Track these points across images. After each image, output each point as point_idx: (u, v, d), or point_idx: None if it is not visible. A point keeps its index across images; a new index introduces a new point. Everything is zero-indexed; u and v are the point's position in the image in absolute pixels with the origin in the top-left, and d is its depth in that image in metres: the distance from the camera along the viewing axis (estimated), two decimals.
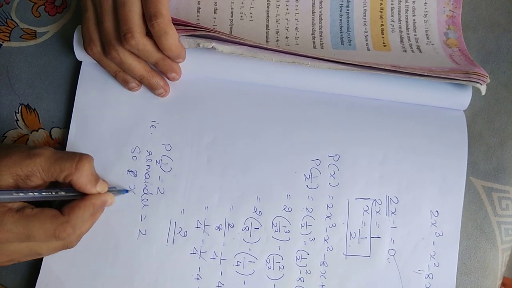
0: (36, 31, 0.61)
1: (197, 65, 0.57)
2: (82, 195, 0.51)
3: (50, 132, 0.59)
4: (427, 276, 0.55)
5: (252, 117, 0.57)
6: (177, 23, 0.52)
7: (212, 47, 0.53)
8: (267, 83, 0.58)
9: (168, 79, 0.56)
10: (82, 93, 0.58)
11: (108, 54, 0.52)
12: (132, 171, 0.56)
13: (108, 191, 0.53)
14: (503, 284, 0.60)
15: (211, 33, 0.52)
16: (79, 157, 0.50)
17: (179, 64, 0.56)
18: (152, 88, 0.56)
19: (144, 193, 0.56)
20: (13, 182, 0.47)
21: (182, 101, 0.57)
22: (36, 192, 0.48)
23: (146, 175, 0.56)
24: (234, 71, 0.57)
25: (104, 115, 0.57)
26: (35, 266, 0.56)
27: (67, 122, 0.58)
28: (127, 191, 0.56)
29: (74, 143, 0.57)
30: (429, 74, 0.54)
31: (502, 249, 0.58)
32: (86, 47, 0.54)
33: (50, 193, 0.49)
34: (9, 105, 0.60)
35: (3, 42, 0.61)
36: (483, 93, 0.55)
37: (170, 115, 0.57)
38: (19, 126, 0.59)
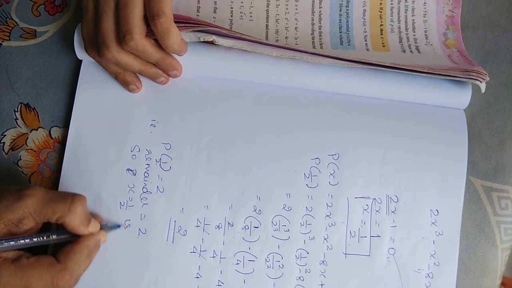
0: (36, 30, 0.61)
1: (197, 64, 0.57)
2: (75, 236, 0.50)
3: (49, 131, 0.59)
4: (427, 275, 0.55)
5: (251, 116, 0.57)
6: (178, 20, 0.52)
7: (213, 40, 0.53)
8: (267, 82, 0.58)
9: (170, 76, 0.56)
10: (82, 92, 0.58)
11: (102, 55, 0.52)
12: (131, 170, 0.56)
13: (102, 227, 0.53)
14: (502, 283, 0.60)
15: (211, 28, 0.52)
16: (72, 199, 0.49)
17: (180, 60, 0.56)
18: (152, 78, 0.56)
19: (144, 192, 0.56)
20: (4, 228, 0.47)
21: (182, 100, 0.57)
22: (27, 238, 0.47)
23: (146, 174, 0.56)
24: (234, 70, 0.57)
25: (104, 114, 0.57)
26: None
27: (67, 121, 0.58)
28: (119, 226, 0.55)
29: (74, 141, 0.57)
30: (428, 71, 0.54)
31: (501, 249, 0.58)
32: (88, 49, 0.54)
33: (41, 238, 0.49)
34: (9, 104, 0.60)
35: (3, 42, 0.61)
36: (483, 90, 0.55)
37: (169, 114, 0.57)
38: (18, 125, 0.59)
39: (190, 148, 0.57)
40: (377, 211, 0.56)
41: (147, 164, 0.56)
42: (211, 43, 0.55)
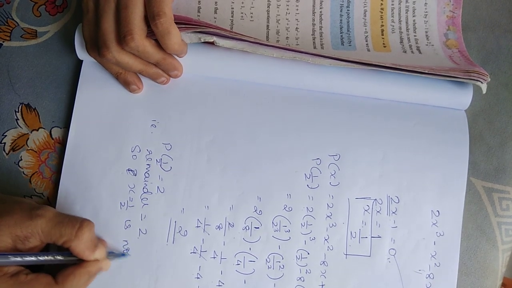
0: (36, 30, 0.61)
1: (197, 64, 0.57)
2: (79, 260, 0.50)
3: (50, 132, 0.59)
4: (427, 276, 0.55)
5: (252, 116, 0.57)
6: (178, 21, 0.52)
7: (213, 41, 0.53)
8: (268, 82, 0.58)
9: (170, 76, 0.56)
10: (82, 92, 0.58)
11: (102, 56, 0.52)
12: (132, 170, 0.56)
13: (108, 255, 0.53)
14: (503, 284, 0.60)
15: (212, 29, 0.52)
16: (80, 224, 0.49)
17: (180, 60, 0.56)
18: (153, 78, 0.56)
19: (144, 192, 0.56)
20: (11, 243, 0.47)
21: (182, 100, 0.57)
22: (33, 256, 0.47)
23: (146, 174, 0.56)
24: (234, 70, 0.57)
25: (105, 114, 0.57)
26: None
27: (68, 122, 0.58)
28: (124, 254, 0.55)
29: (75, 142, 0.57)
30: (429, 72, 0.53)
31: (502, 250, 0.58)
32: (89, 50, 0.54)
33: (47, 258, 0.48)
34: (9, 104, 0.59)
35: (3, 42, 0.61)
36: (484, 91, 0.55)
37: (170, 114, 0.57)
38: (19, 125, 0.59)
39: (190, 148, 0.57)
40: (378, 211, 0.56)
41: (148, 164, 0.56)
42: (212, 43, 0.55)
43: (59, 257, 0.49)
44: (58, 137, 0.59)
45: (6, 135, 0.59)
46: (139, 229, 0.55)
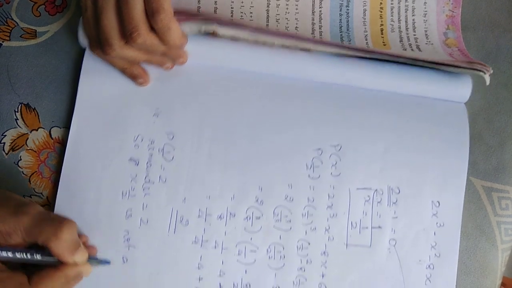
0: (36, 30, 0.61)
1: (200, 54, 0.57)
2: (59, 262, 0.48)
3: (50, 132, 0.59)
4: (428, 266, 0.56)
5: (254, 106, 0.58)
6: (178, 11, 0.52)
7: (214, 31, 0.53)
8: (271, 72, 0.58)
9: (176, 64, 0.57)
10: (85, 81, 0.58)
11: (106, 54, 0.52)
12: (134, 160, 0.56)
13: (90, 260, 0.51)
14: (503, 284, 0.60)
15: (212, 17, 0.52)
16: (60, 223, 0.47)
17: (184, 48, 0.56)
18: (159, 65, 0.56)
19: (146, 182, 0.56)
20: None
21: (185, 90, 0.58)
22: (10, 251, 0.46)
23: (148, 163, 0.56)
24: (237, 59, 0.57)
25: (107, 103, 0.57)
26: None
27: (67, 122, 0.58)
28: (108, 262, 0.54)
29: (77, 131, 0.57)
30: (432, 61, 0.54)
31: (502, 249, 0.58)
32: (92, 48, 0.54)
33: (25, 256, 0.47)
34: (9, 104, 0.59)
35: (3, 42, 0.60)
36: (488, 83, 0.55)
37: (173, 104, 0.57)
38: (18, 125, 0.59)
39: (192, 138, 0.57)
40: (378, 202, 0.56)
41: (150, 154, 0.57)
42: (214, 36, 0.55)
43: (37, 257, 0.47)
44: (57, 137, 0.59)
45: (5, 135, 0.59)
46: (140, 218, 0.55)
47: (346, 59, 0.57)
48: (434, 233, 0.56)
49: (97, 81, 0.58)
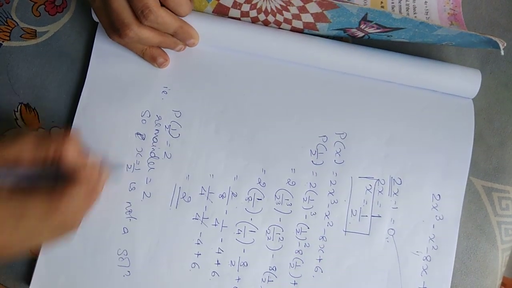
0: (36, 30, 0.61)
1: (211, 36, 0.57)
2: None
3: (49, 132, 0.59)
4: (424, 258, 0.56)
5: (262, 89, 0.58)
6: None
7: None
8: (280, 57, 0.58)
9: (188, 45, 0.57)
10: (97, 58, 0.58)
11: (124, 36, 0.52)
12: (140, 134, 0.57)
13: (103, 163, 0.52)
14: (503, 284, 0.60)
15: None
16: (65, 131, 0.48)
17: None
18: (171, 47, 0.57)
19: (151, 157, 0.57)
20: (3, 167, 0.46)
21: (194, 70, 0.58)
22: (27, 170, 0.46)
23: (154, 139, 0.57)
24: (247, 43, 0.57)
25: (117, 78, 0.58)
26: (30, 264, 0.57)
27: (67, 122, 0.59)
28: (122, 165, 0.56)
29: (86, 102, 0.57)
30: (451, 24, 0.54)
31: (502, 249, 0.59)
32: (110, 35, 0.54)
33: (42, 171, 0.47)
34: (9, 104, 0.59)
35: (3, 42, 0.60)
36: (502, 53, 0.53)
37: (182, 83, 0.58)
38: (18, 125, 0.59)
39: (199, 117, 0.57)
40: (379, 191, 0.56)
41: (156, 129, 0.57)
42: (224, 15, 0.56)
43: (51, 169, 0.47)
44: None
45: (5, 135, 0.59)
46: (144, 192, 0.56)
47: (358, 48, 0.57)
48: (433, 226, 0.56)
49: (109, 56, 0.58)
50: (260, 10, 0.56)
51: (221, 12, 0.56)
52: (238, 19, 0.57)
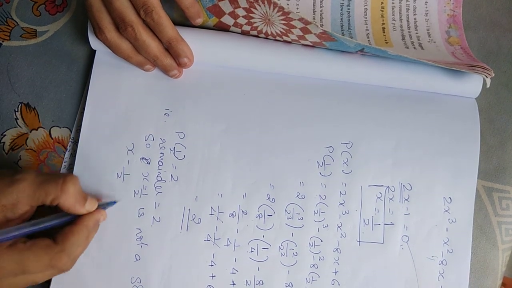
0: (36, 30, 0.61)
1: (210, 54, 0.57)
2: (74, 217, 0.49)
3: (49, 131, 0.59)
4: (440, 262, 0.56)
5: (265, 104, 0.58)
6: None
7: None
8: (281, 71, 0.58)
9: (180, 65, 0.56)
10: (96, 81, 0.58)
11: (124, 31, 0.52)
12: (145, 159, 0.56)
13: (99, 206, 0.52)
14: (503, 284, 0.60)
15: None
16: (63, 179, 0.48)
17: (193, 50, 0.56)
18: (166, 70, 0.56)
19: (158, 181, 0.56)
20: (0, 213, 0.46)
21: (195, 89, 0.58)
22: (29, 227, 0.46)
23: (160, 162, 0.56)
24: (247, 59, 0.57)
25: (118, 103, 0.57)
26: None
27: (67, 121, 0.59)
28: (115, 202, 0.55)
29: (88, 130, 0.57)
30: (434, 61, 0.54)
31: (502, 249, 0.59)
32: (97, 34, 0.54)
33: (42, 224, 0.47)
34: (9, 103, 0.59)
35: (3, 41, 0.60)
36: (488, 85, 0.55)
37: (183, 103, 0.57)
38: (18, 125, 0.59)
39: (203, 137, 0.57)
40: (390, 199, 0.56)
41: (161, 153, 0.56)
42: (225, 30, 0.55)
43: (55, 221, 0.48)
44: (57, 137, 0.59)
45: (5, 135, 0.59)
46: (153, 217, 0.55)
47: (356, 56, 0.57)
48: (447, 229, 0.56)
49: (108, 80, 0.58)
50: (261, 32, 0.56)
51: (221, 28, 0.56)
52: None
